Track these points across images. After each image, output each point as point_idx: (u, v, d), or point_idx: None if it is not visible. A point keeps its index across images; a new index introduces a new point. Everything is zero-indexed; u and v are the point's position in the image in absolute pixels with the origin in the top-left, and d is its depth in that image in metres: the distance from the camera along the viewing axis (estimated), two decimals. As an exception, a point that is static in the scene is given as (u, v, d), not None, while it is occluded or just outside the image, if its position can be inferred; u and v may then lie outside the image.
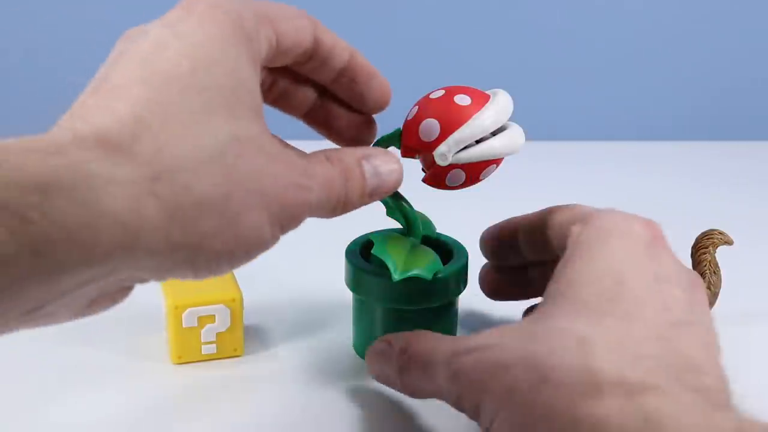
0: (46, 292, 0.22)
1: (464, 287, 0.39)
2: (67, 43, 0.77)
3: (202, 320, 0.39)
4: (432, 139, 0.34)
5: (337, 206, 0.30)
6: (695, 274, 0.34)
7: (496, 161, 0.35)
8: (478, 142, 0.34)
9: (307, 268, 0.51)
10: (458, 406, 0.30)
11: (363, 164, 0.31)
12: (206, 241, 0.25)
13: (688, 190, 0.69)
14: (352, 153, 0.31)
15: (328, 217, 0.31)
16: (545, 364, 0.27)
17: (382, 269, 0.36)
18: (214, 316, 0.39)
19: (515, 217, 0.39)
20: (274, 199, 0.27)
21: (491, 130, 0.35)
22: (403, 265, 0.36)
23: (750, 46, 0.85)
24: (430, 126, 0.34)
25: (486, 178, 0.36)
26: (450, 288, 0.38)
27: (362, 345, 0.40)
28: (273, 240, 0.28)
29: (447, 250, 0.40)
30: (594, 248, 0.31)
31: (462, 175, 0.35)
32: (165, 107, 0.24)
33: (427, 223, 0.41)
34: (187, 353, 0.39)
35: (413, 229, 0.39)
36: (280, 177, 0.27)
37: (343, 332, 0.42)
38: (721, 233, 0.44)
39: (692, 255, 0.44)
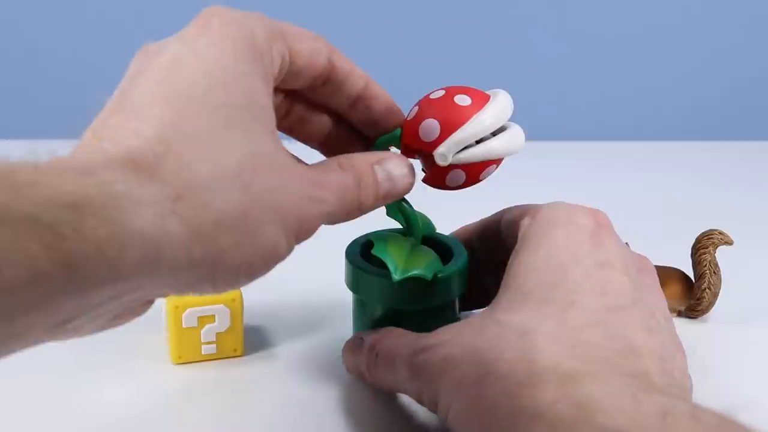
0: (76, 306, 0.22)
1: (464, 287, 0.39)
2: (67, 42, 0.77)
3: (202, 320, 0.39)
4: (432, 140, 0.34)
5: (351, 212, 0.31)
6: (645, 259, 0.35)
7: (496, 161, 0.35)
8: (478, 142, 0.34)
9: (308, 268, 0.50)
10: (419, 400, 0.32)
11: (375, 168, 0.32)
12: (225, 256, 0.25)
13: (688, 190, 0.69)
14: (365, 158, 0.32)
15: (343, 222, 0.31)
16: (488, 358, 0.28)
17: (382, 269, 0.36)
18: (214, 316, 0.39)
19: (469, 224, 0.41)
20: (290, 213, 0.27)
21: (491, 131, 0.34)
22: (404, 265, 0.36)
23: (750, 46, 0.85)
24: (431, 126, 0.34)
25: (486, 179, 0.36)
26: (450, 288, 0.38)
27: None
28: (289, 251, 0.28)
29: (446, 249, 0.40)
30: (538, 239, 0.32)
31: (462, 176, 0.35)
32: (185, 127, 0.25)
33: (427, 223, 0.41)
34: (187, 353, 0.39)
35: (413, 228, 0.39)
36: (295, 191, 0.28)
37: (343, 332, 0.42)
38: (721, 233, 0.44)
39: (692, 255, 0.44)
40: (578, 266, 0.31)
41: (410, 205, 0.38)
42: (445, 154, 0.34)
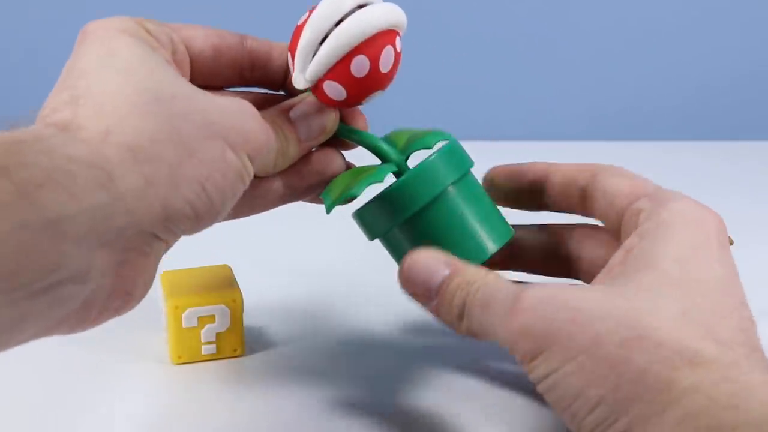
0: (54, 238, 0.24)
1: (466, 167, 0.35)
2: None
3: (202, 320, 0.39)
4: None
5: (283, 150, 0.33)
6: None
7: (358, 50, 0.32)
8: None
9: (307, 268, 0.51)
10: (514, 344, 0.29)
11: (290, 113, 0.34)
12: (178, 170, 0.27)
13: (688, 190, 0.69)
14: (277, 107, 0.35)
15: (282, 167, 0.34)
16: (641, 324, 0.27)
17: (373, 200, 0.34)
18: (214, 316, 0.39)
19: (538, 163, 0.38)
20: (229, 128, 0.29)
21: (330, 24, 0.32)
22: (338, 194, 0.34)
23: (750, 46, 0.85)
24: (289, 60, 0.33)
25: (384, 71, 0.33)
26: (438, 170, 0.34)
27: None
28: (246, 169, 0.30)
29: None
30: (673, 229, 0.31)
31: (336, 86, 0.33)
32: (92, 94, 0.28)
33: (415, 138, 0.36)
34: (187, 353, 0.39)
35: (382, 154, 0.35)
36: (228, 109, 0.30)
37: (343, 332, 0.42)
38: (721, 233, 0.44)
39: (692, 255, 0.44)
40: (718, 270, 0.30)
41: (364, 135, 0.36)
42: (295, 76, 0.33)
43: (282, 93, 0.37)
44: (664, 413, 0.26)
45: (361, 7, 0.32)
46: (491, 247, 0.35)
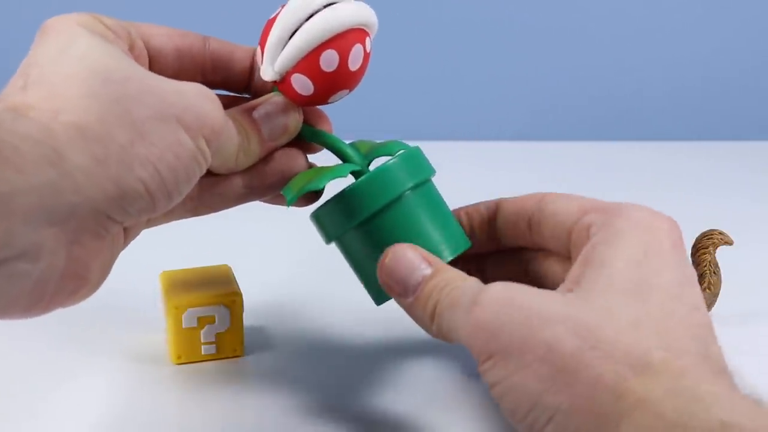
0: (1, 218, 0.24)
1: (426, 174, 0.35)
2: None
3: (202, 320, 0.39)
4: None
5: (245, 149, 0.34)
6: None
7: (328, 44, 0.32)
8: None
9: (307, 268, 0.51)
10: (470, 345, 0.29)
11: (253, 113, 0.34)
12: (129, 150, 0.27)
13: (688, 190, 0.69)
14: (241, 107, 0.35)
15: (244, 165, 0.34)
16: (593, 333, 0.27)
17: (330, 200, 0.34)
18: (214, 316, 0.39)
19: (488, 201, 0.38)
20: (184, 110, 0.29)
21: (300, 18, 0.32)
22: (300, 187, 0.34)
23: (750, 46, 0.85)
24: (258, 54, 0.34)
25: (353, 68, 0.33)
26: (397, 173, 0.33)
27: (376, 289, 0.35)
28: (201, 152, 0.30)
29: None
30: (625, 237, 0.31)
31: (303, 79, 0.33)
32: (44, 77, 0.28)
33: (381, 146, 0.36)
34: (187, 353, 0.39)
35: (346, 156, 0.35)
36: (183, 91, 0.30)
37: (343, 332, 0.42)
38: (721, 233, 0.44)
39: (692, 255, 0.44)
40: (670, 274, 0.30)
41: (328, 137, 0.36)
42: (264, 68, 0.33)
43: (246, 96, 0.37)
44: (617, 428, 0.26)
45: (331, 5, 0.33)
46: (446, 255, 0.34)
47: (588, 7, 0.83)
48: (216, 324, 0.39)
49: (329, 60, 0.32)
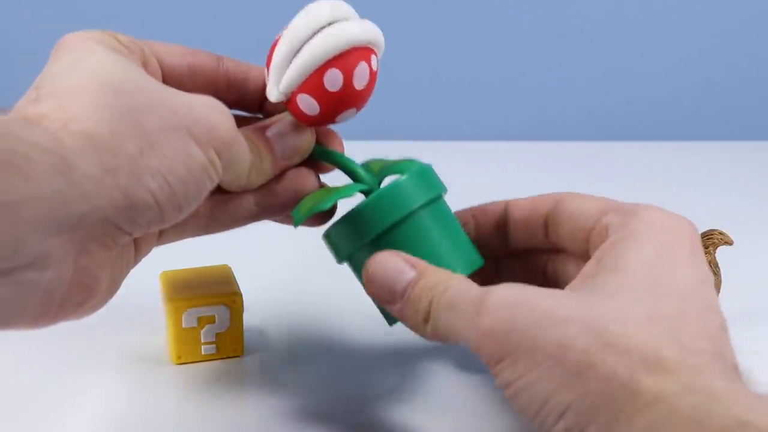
0: (9, 220, 0.24)
1: (437, 191, 0.35)
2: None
3: (202, 320, 0.39)
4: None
5: (257, 166, 0.34)
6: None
7: (332, 63, 0.32)
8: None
9: (307, 268, 0.51)
10: (479, 348, 0.29)
11: (267, 132, 0.34)
12: (139, 161, 0.27)
13: (688, 190, 0.69)
14: (255, 125, 0.35)
15: (256, 184, 0.34)
16: (607, 331, 0.27)
17: (340, 220, 0.34)
18: (214, 316, 0.39)
19: (496, 202, 0.38)
20: (194, 122, 0.29)
21: (303, 37, 0.32)
22: (308, 209, 0.34)
23: (750, 46, 0.85)
24: (266, 75, 0.33)
25: (358, 87, 0.33)
26: (407, 191, 0.33)
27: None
28: (212, 164, 0.30)
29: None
30: (643, 237, 0.31)
31: (309, 99, 0.33)
32: (57, 89, 0.28)
33: (394, 164, 0.36)
34: (187, 353, 0.39)
35: (356, 176, 0.35)
36: (194, 103, 0.30)
37: (343, 332, 0.42)
38: (721, 233, 0.44)
39: (692, 255, 0.44)
40: (687, 275, 0.30)
41: (339, 156, 0.36)
42: (270, 89, 0.33)
43: (259, 116, 0.37)
44: (632, 422, 0.26)
45: (335, 23, 0.32)
46: (459, 272, 0.34)
47: (588, 8, 0.83)
48: (216, 324, 0.39)
49: (333, 79, 0.32)
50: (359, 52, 0.32)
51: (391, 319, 0.35)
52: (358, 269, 0.35)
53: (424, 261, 0.32)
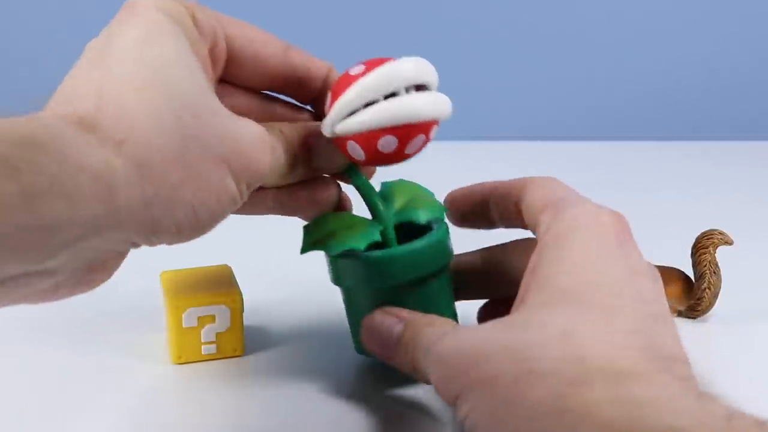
0: (43, 241, 0.24)
1: (448, 258, 0.37)
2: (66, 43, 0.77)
3: (202, 320, 0.39)
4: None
5: (289, 169, 0.33)
6: (654, 267, 0.34)
7: (392, 131, 0.32)
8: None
9: (307, 268, 0.51)
10: (438, 390, 0.30)
11: (310, 140, 0.34)
12: (177, 193, 0.27)
13: (688, 190, 0.69)
14: (303, 126, 0.35)
15: (281, 184, 0.34)
16: (529, 356, 0.27)
17: (355, 252, 0.35)
18: (214, 316, 0.39)
19: (484, 183, 0.39)
20: (236, 154, 0.29)
21: (380, 94, 0.32)
22: (316, 240, 0.35)
23: (751, 46, 0.85)
24: (328, 101, 0.33)
25: (408, 152, 0.33)
26: (428, 258, 0.35)
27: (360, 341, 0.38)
28: (241, 196, 0.30)
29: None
30: (567, 240, 0.31)
31: (357, 148, 0.33)
32: (120, 85, 0.28)
33: (416, 205, 0.37)
34: (187, 353, 0.39)
35: (374, 210, 0.36)
36: (241, 135, 0.30)
37: (343, 332, 0.42)
38: (721, 233, 0.44)
39: (692, 255, 0.44)
40: (613, 272, 0.30)
41: (364, 185, 0.36)
42: (326, 123, 0.33)
43: (309, 109, 0.37)
44: None
45: (417, 88, 0.32)
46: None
47: (588, 8, 0.83)
48: (216, 324, 0.39)
49: (388, 143, 0.32)
50: (423, 126, 0.33)
51: (360, 349, 0.38)
52: (350, 300, 0.38)
53: (409, 311, 0.34)
